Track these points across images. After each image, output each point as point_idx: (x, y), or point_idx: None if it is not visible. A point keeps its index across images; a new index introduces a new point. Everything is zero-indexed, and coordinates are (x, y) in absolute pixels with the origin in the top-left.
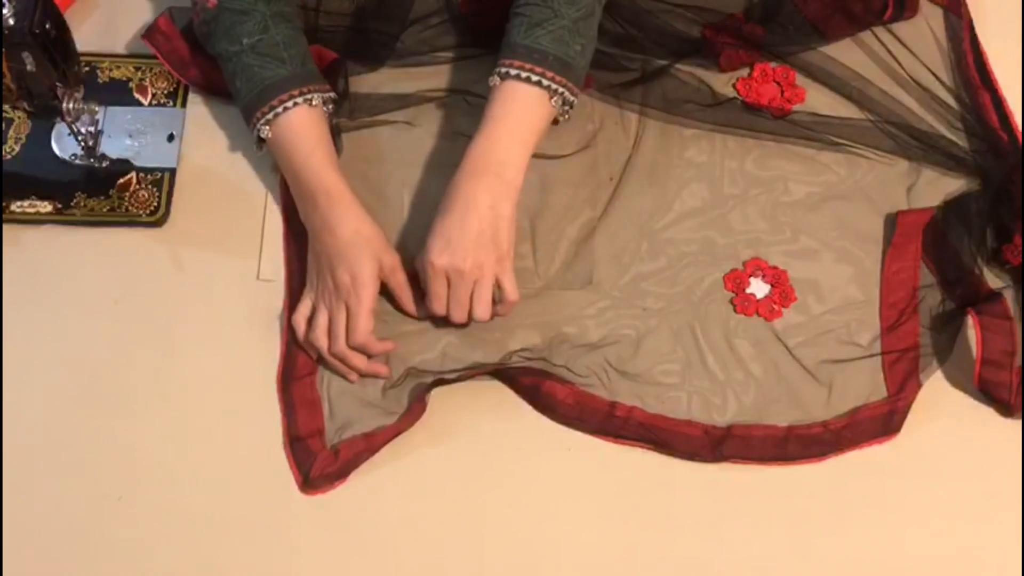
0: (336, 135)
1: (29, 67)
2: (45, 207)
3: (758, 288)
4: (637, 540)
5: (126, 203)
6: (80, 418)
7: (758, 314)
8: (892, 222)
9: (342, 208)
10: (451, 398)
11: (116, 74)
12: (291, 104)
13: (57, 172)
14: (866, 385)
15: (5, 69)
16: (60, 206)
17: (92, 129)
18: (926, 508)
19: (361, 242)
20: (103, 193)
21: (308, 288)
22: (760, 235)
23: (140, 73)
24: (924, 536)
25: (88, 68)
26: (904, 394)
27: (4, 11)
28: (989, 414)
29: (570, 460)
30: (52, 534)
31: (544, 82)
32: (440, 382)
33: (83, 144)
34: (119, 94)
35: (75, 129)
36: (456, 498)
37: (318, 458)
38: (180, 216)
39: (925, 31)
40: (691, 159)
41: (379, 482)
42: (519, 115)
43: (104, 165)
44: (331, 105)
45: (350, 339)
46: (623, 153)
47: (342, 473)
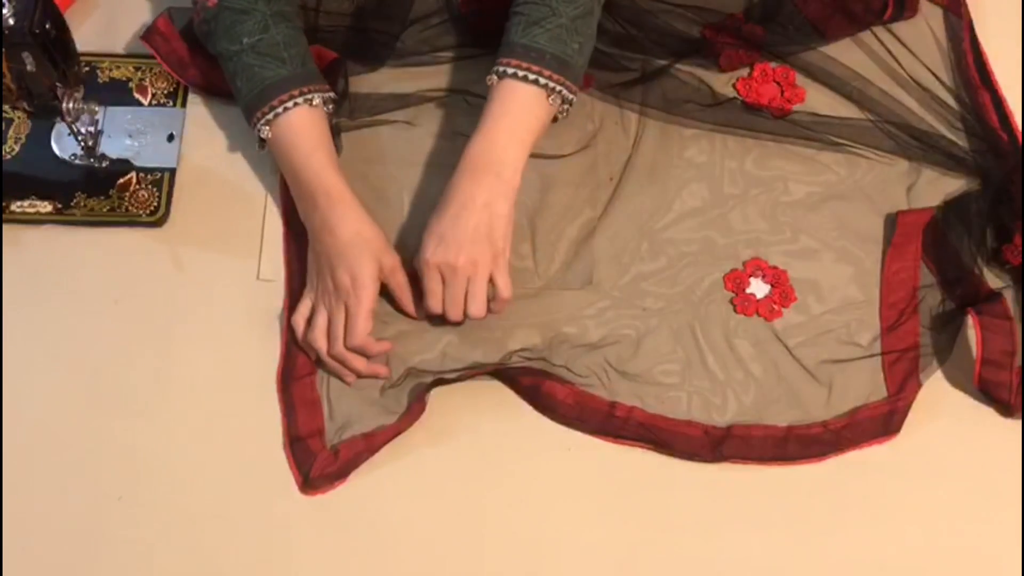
0: (336, 135)
1: (29, 67)
2: (45, 207)
3: (758, 288)
4: (637, 540)
5: (126, 203)
6: (80, 418)
7: (758, 314)
8: (892, 222)
9: (342, 209)
10: (451, 398)
11: (116, 74)
12: (291, 104)
13: (57, 172)
14: (866, 385)
15: (5, 69)
16: (60, 206)
17: (92, 129)
18: (926, 508)
19: (361, 243)
20: (103, 193)
21: (308, 288)
22: (760, 235)
23: (140, 73)
24: (924, 536)
25: (88, 68)
26: (904, 394)
27: (4, 11)
28: (989, 414)
29: (570, 460)
30: (52, 534)
31: (542, 81)
32: (440, 382)
33: (83, 144)
34: (119, 94)
35: (75, 129)
36: (456, 498)
37: (318, 458)
38: (180, 216)
39: (925, 31)
40: (691, 159)
41: (379, 482)
42: (517, 114)
43: (104, 165)
44: (331, 105)
45: (348, 340)
46: (623, 153)
47: (342, 473)
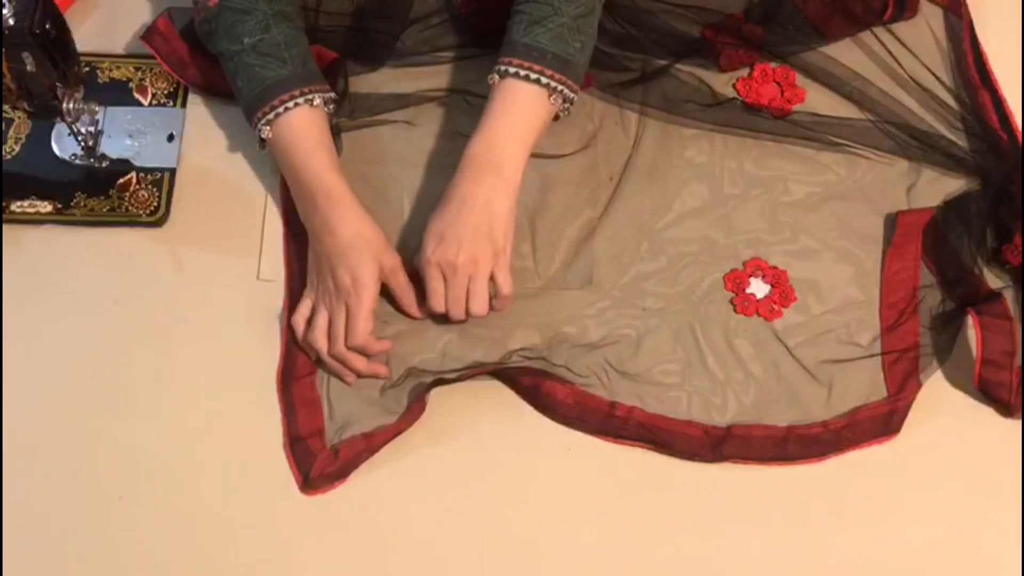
0: (336, 135)
1: (29, 67)
2: (45, 207)
3: (758, 288)
4: (637, 540)
5: (126, 203)
6: (80, 418)
7: (758, 314)
8: (892, 222)
9: (342, 209)
10: (451, 398)
11: (116, 74)
12: (292, 104)
13: (57, 172)
14: (866, 385)
15: (5, 69)
16: (60, 206)
17: (92, 129)
18: (926, 508)
19: (362, 243)
20: (103, 193)
21: (308, 289)
22: (760, 235)
23: (140, 73)
24: (924, 536)
25: (88, 68)
26: (904, 394)
27: (4, 11)
28: (989, 414)
29: (570, 460)
30: (52, 534)
31: (543, 80)
32: (440, 382)
33: (83, 144)
34: (119, 94)
35: (75, 129)
36: (456, 498)
37: (318, 458)
38: (180, 216)
39: (925, 31)
40: (691, 159)
41: (379, 482)
42: (518, 113)
43: (104, 165)
44: (332, 105)
45: (349, 340)
46: (623, 153)
47: (342, 473)
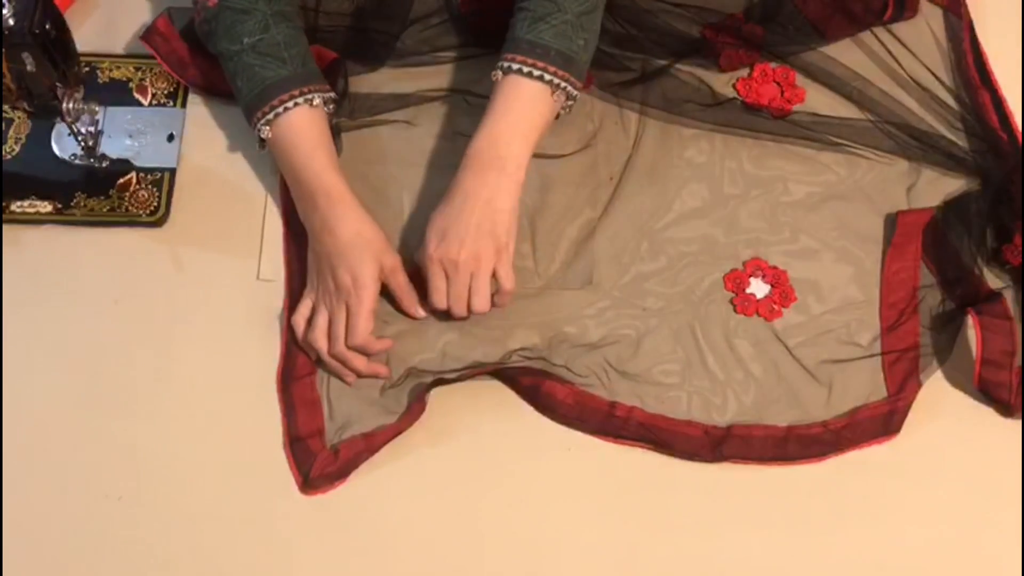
0: (336, 135)
1: (29, 67)
2: (45, 207)
3: (758, 288)
4: (637, 540)
5: (126, 203)
6: (80, 418)
7: (758, 314)
8: (892, 222)
9: (342, 209)
10: (451, 398)
11: (116, 74)
12: (291, 104)
13: (57, 172)
14: (866, 385)
15: (5, 69)
16: (60, 206)
17: (92, 129)
18: (926, 508)
19: (362, 243)
20: (103, 193)
21: (308, 289)
22: (760, 235)
23: (140, 73)
24: (924, 536)
25: (88, 68)
26: (904, 394)
27: (4, 11)
28: (989, 414)
29: (570, 460)
30: (52, 534)
31: (547, 77)
32: (440, 382)
33: (83, 144)
34: (119, 94)
35: (75, 129)
36: (456, 498)
37: (318, 458)
38: (180, 216)
39: (925, 31)
40: (691, 159)
41: (379, 482)
42: (521, 110)
43: (104, 165)
44: (331, 105)
45: (350, 340)
46: (623, 153)
47: (342, 473)
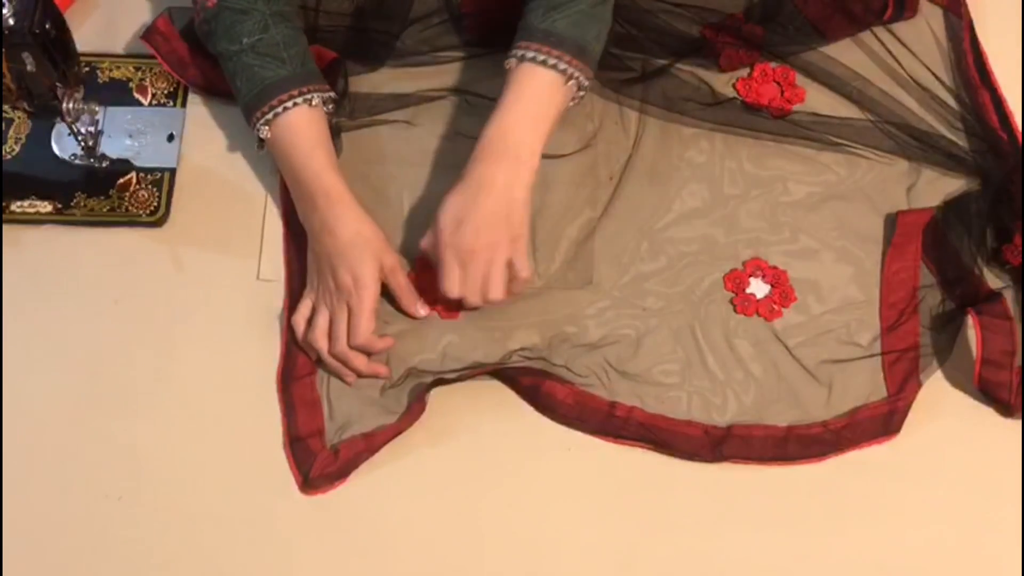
0: (336, 135)
1: (29, 67)
2: (45, 207)
3: (758, 288)
4: (637, 540)
5: (126, 203)
6: (80, 418)
7: (758, 314)
8: (892, 222)
9: (341, 209)
10: (451, 398)
11: (116, 74)
12: (291, 104)
13: (57, 172)
14: (866, 385)
15: (5, 69)
16: (60, 206)
17: (92, 129)
18: (926, 508)
19: (362, 243)
20: (103, 193)
21: (308, 289)
22: (760, 235)
23: (140, 73)
24: (924, 536)
25: (88, 68)
26: (904, 394)
27: (4, 11)
28: (989, 414)
29: (570, 460)
30: (52, 534)
31: (561, 66)
32: (440, 382)
33: (83, 144)
34: (119, 94)
35: (75, 129)
36: (456, 498)
37: (318, 458)
38: (180, 216)
39: (925, 31)
40: (691, 159)
41: (379, 482)
42: (535, 99)
43: (104, 165)
44: (331, 105)
45: (351, 340)
46: (623, 153)
47: (342, 473)
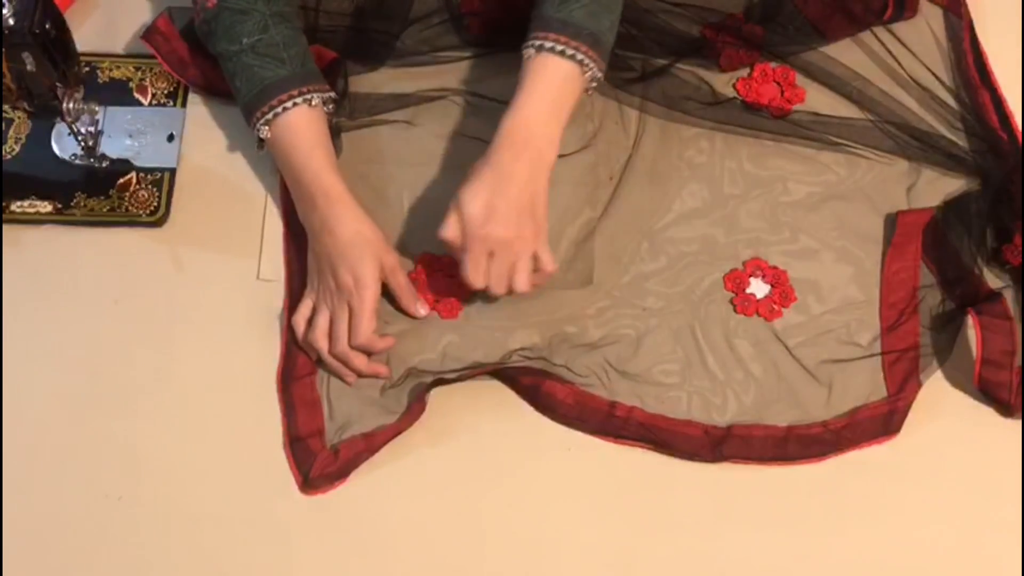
0: (336, 135)
1: (29, 67)
2: (45, 207)
3: (758, 288)
4: (637, 540)
5: (126, 203)
6: (80, 418)
7: (758, 314)
8: (892, 222)
9: (341, 209)
10: (451, 398)
11: (116, 74)
12: (290, 104)
13: (57, 172)
14: (866, 385)
15: (5, 69)
16: (60, 206)
17: (92, 129)
18: (926, 508)
19: (362, 242)
20: (103, 193)
21: (308, 289)
22: (760, 235)
23: (140, 73)
24: (924, 536)
25: (88, 68)
26: (904, 394)
27: (4, 11)
28: (989, 414)
29: (570, 460)
30: (52, 534)
31: (578, 56)
32: (440, 382)
33: (83, 144)
34: (119, 94)
35: (75, 129)
36: (456, 498)
37: (318, 458)
38: (180, 216)
39: (925, 31)
40: (691, 159)
41: (379, 482)
42: (554, 89)
43: (104, 165)
44: (331, 105)
45: (353, 339)
46: (623, 153)
47: (342, 473)
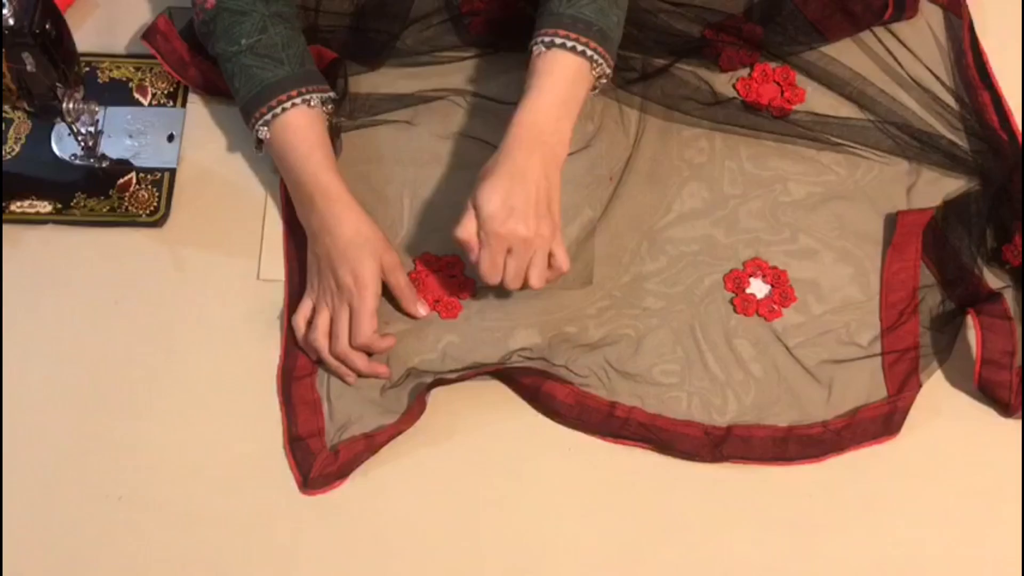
0: (336, 135)
1: (29, 67)
2: (45, 207)
3: (758, 288)
4: (637, 540)
5: (126, 203)
6: (80, 418)
7: (758, 314)
8: (892, 222)
9: (340, 208)
10: (451, 398)
11: (116, 74)
12: (289, 105)
13: (57, 172)
14: (866, 385)
15: (5, 69)
16: (60, 206)
17: (92, 129)
18: (926, 508)
19: (362, 242)
20: (103, 193)
21: (308, 290)
22: (760, 235)
23: (140, 73)
24: (924, 536)
25: (88, 68)
26: (904, 394)
27: (4, 11)
28: (989, 414)
29: (570, 460)
30: (52, 534)
31: (588, 52)
32: (440, 382)
33: (83, 144)
34: (119, 94)
35: (75, 129)
36: (456, 498)
37: (318, 458)
38: (180, 216)
39: (925, 31)
40: (691, 159)
41: (379, 482)
42: (565, 85)
43: (104, 165)
44: (330, 105)
45: (354, 339)
46: (623, 152)
47: (342, 473)
